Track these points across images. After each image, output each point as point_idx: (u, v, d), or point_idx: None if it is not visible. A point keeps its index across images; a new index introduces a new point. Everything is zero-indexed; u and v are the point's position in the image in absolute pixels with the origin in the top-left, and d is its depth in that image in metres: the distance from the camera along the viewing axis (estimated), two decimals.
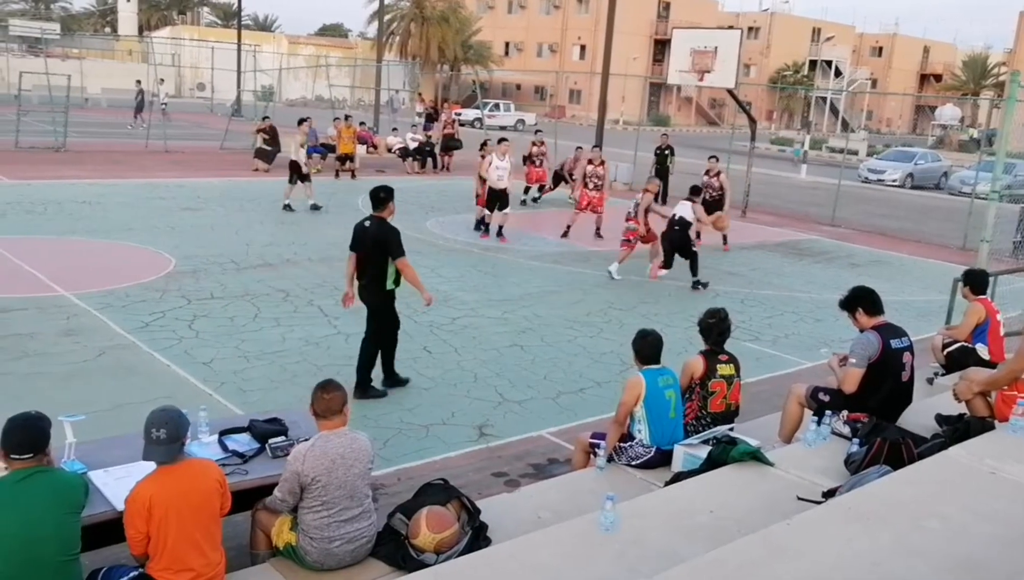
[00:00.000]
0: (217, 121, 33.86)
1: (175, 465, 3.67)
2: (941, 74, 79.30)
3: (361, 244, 7.31)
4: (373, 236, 7.23)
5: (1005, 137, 11.42)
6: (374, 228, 7.25)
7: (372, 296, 7.41)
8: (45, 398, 6.55)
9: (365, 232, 7.30)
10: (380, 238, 7.21)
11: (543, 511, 4.62)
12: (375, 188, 7.37)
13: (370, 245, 7.25)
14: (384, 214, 7.30)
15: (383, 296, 7.41)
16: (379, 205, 7.29)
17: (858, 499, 4.10)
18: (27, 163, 20.23)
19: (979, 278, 7.42)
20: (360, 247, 7.33)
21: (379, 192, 7.31)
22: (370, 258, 7.29)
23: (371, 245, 7.25)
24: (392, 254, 7.24)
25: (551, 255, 14.05)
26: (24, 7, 72.84)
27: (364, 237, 7.30)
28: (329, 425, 4.11)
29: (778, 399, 6.79)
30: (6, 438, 3.43)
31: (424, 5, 58.82)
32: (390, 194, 7.33)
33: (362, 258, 7.33)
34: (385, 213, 7.31)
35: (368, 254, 7.29)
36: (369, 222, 7.30)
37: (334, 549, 4.02)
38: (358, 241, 7.35)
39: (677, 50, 20.26)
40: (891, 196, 27.57)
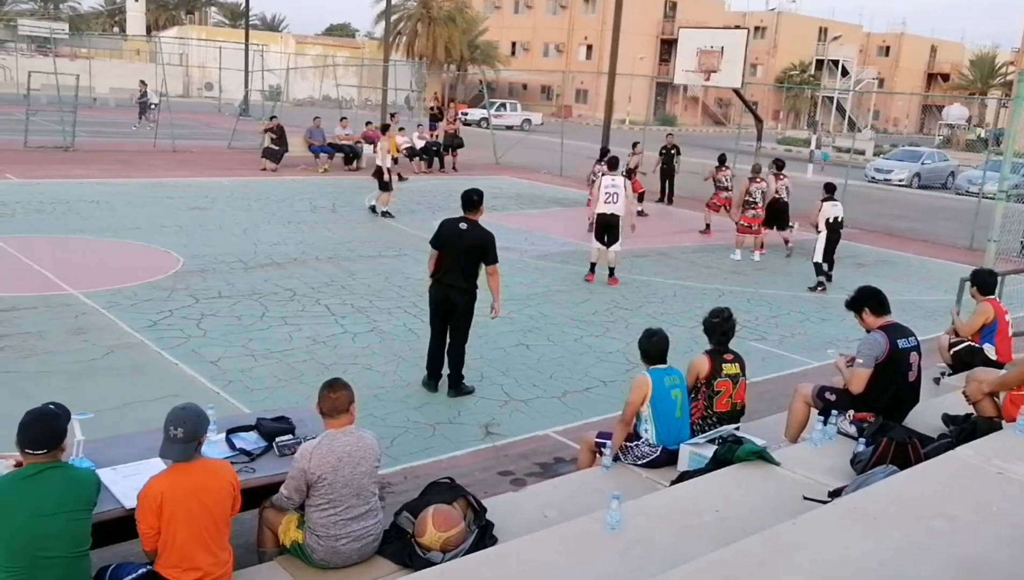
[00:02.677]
0: (225, 121, 33.93)
1: (190, 464, 3.69)
2: (948, 73, 78.99)
3: (452, 244, 7.27)
4: (472, 239, 7.26)
5: (1013, 137, 11.39)
6: (474, 231, 7.29)
7: (462, 295, 7.37)
8: (53, 396, 6.47)
9: (461, 234, 7.27)
10: (479, 242, 7.28)
11: (549, 510, 4.63)
12: (468, 190, 7.40)
13: (466, 248, 7.26)
14: (478, 216, 7.35)
15: (473, 295, 7.44)
16: (473, 207, 7.33)
17: (864, 499, 4.10)
18: (36, 162, 20.30)
19: (987, 278, 7.40)
20: (451, 247, 7.28)
21: (472, 194, 7.34)
22: (461, 259, 7.28)
23: (467, 248, 7.26)
24: (489, 260, 7.33)
25: (557, 254, 14.05)
26: (33, 7, 73.16)
27: (459, 238, 7.27)
28: (336, 424, 4.13)
29: (784, 399, 6.79)
30: (22, 433, 3.44)
31: (431, 5, 58.86)
32: (482, 196, 7.40)
33: (449, 258, 7.29)
34: (478, 215, 7.36)
35: (460, 255, 7.28)
36: (465, 224, 7.29)
37: (341, 547, 4.03)
38: (449, 241, 7.29)
39: (683, 50, 20.27)
40: (898, 196, 27.49)
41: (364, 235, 14.38)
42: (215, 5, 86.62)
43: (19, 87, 32.90)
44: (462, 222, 7.33)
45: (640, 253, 14.37)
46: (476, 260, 7.32)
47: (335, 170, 22.55)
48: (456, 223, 7.35)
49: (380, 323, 9.54)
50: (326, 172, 22.06)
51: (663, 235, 16.90)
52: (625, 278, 12.55)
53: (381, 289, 10.99)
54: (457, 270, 7.29)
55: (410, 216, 16.68)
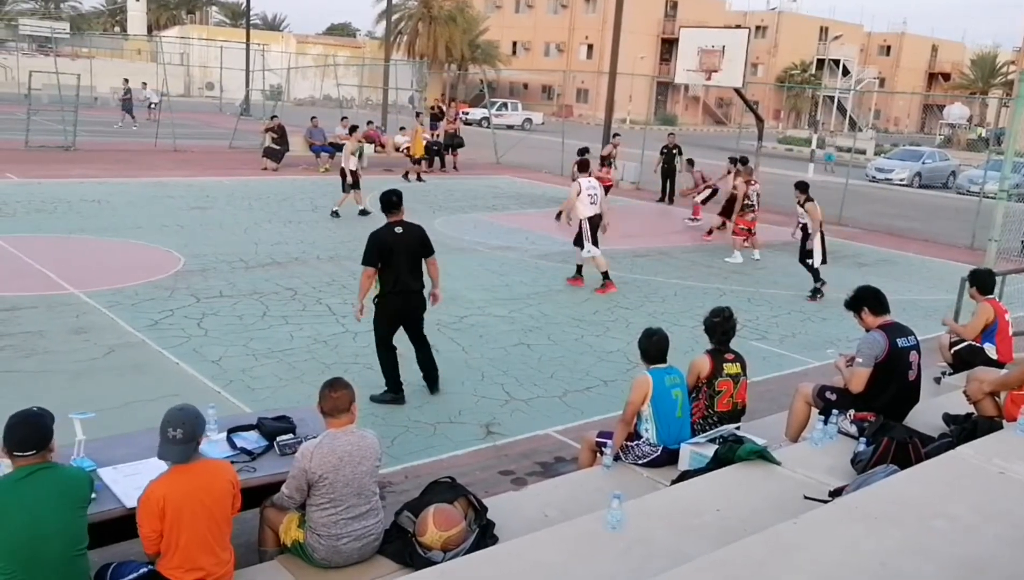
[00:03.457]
0: (226, 120, 33.95)
1: (189, 465, 3.69)
2: (949, 73, 78.94)
3: (397, 251, 7.06)
4: (413, 238, 7.16)
5: (1013, 136, 11.40)
6: (411, 230, 7.19)
7: (420, 297, 7.30)
8: (54, 396, 6.59)
9: (401, 237, 7.10)
10: (420, 238, 7.21)
11: (550, 509, 4.63)
12: (387, 192, 7.26)
13: (411, 249, 7.16)
14: (402, 216, 7.25)
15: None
16: (396, 208, 7.20)
17: (865, 498, 4.10)
18: (37, 162, 20.32)
19: (986, 278, 7.39)
20: (396, 254, 7.06)
21: (392, 196, 7.23)
22: (410, 262, 7.15)
23: (412, 249, 7.16)
24: (429, 252, 7.24)
25: (558, 254, 14.05)
26: (34, 6, 73.22)
27: (402, 242, 7.09)
28: (337, 423, 4.13)
29: (785, 398, 6.79)
30: (8, 436, 3.44)
31: (432, 5, 58.87)
32: (401, 196, 7.32)
33: (397, 265, 7.07)
34: (403, 215, 7.26)
35: (407, 259, 7.14)
36: (400, 228, 7.14)
37: (342, 546, 4.03)
38: (393, 248, 7.05)
39: (684, 49, 20.23)
40: (899, 195, 27.49)
41: (365, 235, 14.26)
42: (216, 5, 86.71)
43: (20, 87, 32.94)
44: (396, 226, 7.12)
45: (641, 252, 14.37)
46: (420, 258, 7.21)
47: (336, 170, 22.53)
48: (390, 230, 7.11)
49: None
50: (327, 171, 22.06)
51: (664, 234, 16.90)
52: (626, 277, 12.55)
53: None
54: (408, 274, 7.13)
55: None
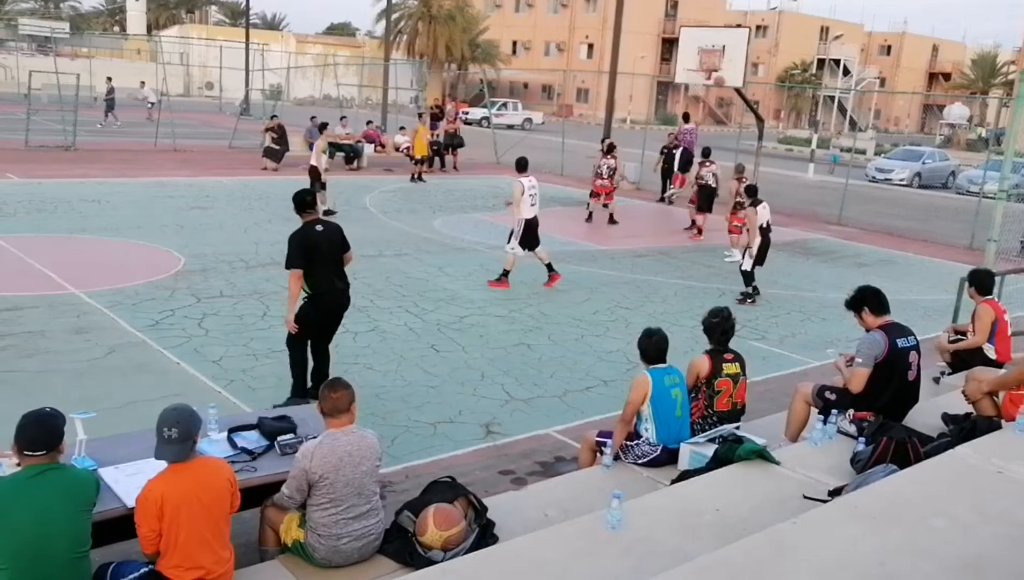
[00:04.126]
0: (226, 120, 33.95)
1: (187, 463, 3.71)
2: (950, 73, 78.96)
3: (320, 251, 6.82)
4: (333, 236, 6.94)
5: (1013, 136, 11.40)
6: (329, 227, 6.96)
7: (346, 295, 7.14)
8: (56, 395, 6.59)
9: (322, 236, 6.85)
10: (339, 235, 6.98)
11: (550, 509, 4.64)
12: (300, 192, 6.97)
13: (333, 247, 6.93)
14: (317, 215, 6.99)
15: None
16: (311, 207, 6.91)
17: (864, 498, 4.11)
18: (37, 162, 20.32)
19: (985, 279, 7.39)
20: (320, 254, 6.82)
21: (305, 195, 6.95)
22: (333, 261, 6.94)
23: (334, 247, 6.93)
24: (347, 249, 7.05)
25: (558, 254, 14.04)
26: (34, 6, 73.20)
27: (324, 241, 6.85)
28: (337, 423, 4.14)
29: (784, 398, 6.80)
30: (20, 435, 3.46)
31: (431, 4, 58.82)
32: (315, 195, 7.13)
33: (322, 265, 6.84)
34: (317, 214, 7.00)
35: (331, 258, 6.92)
36: (320, 226, 6.88)
37: (342, 546, 4.04)
38: (317, 249, 6.79)
39: (685, 49, 20.22)
40: (899, 195, 27.50)
41: (364, 234, 14.39)
42: (216, 4, 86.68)
43: (20, 86, 32.94)
44: (316, 225, 6.88)
45: (641, 252, 14.39)
46: (341, 256, 7.03)
47: (336, 169, 22.52)
48: (311, 229, 6.85)
49: (381, 322, 9.56)
50: (327, 171, 22.03)
51: (664, 234, 16.91)
52: (626, 277, 12.57)
53: (382, 288, 11.00)
54: (333, 274, 6.96)
55: (411, 216, 16.70)
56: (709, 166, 16.65)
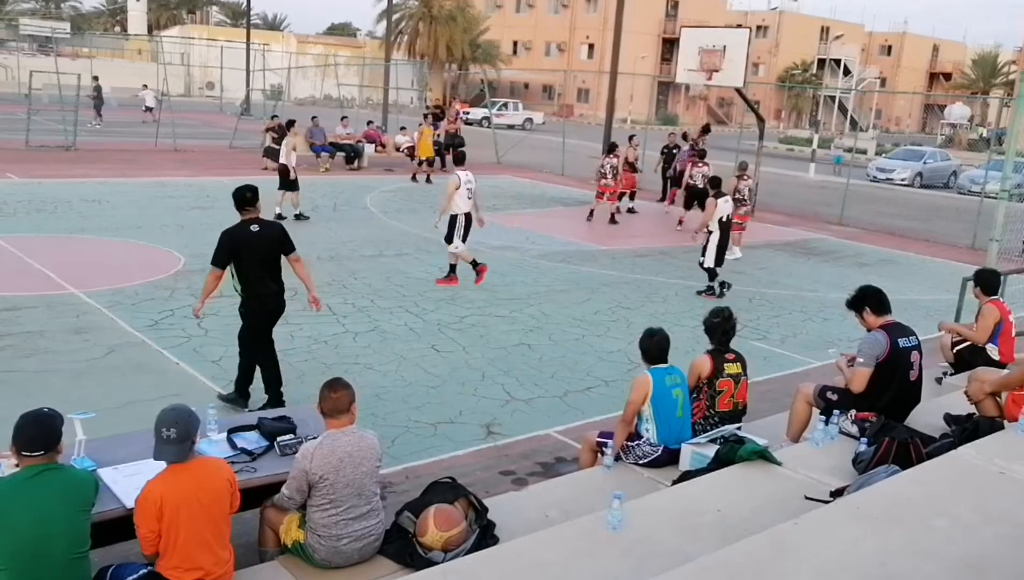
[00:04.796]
0: (226, 120, 33.95)
1: (186, 464, 3.69)
2: (951, 73, 78.96)
3: (252, 250, 6.60)
4: (270, 236, 6.72)
5: (1014, 136, 11.37)
6: (267, 227, 6.75)
7: (280, 298, 6.91)
8: (55, 396, 6.58)
9: (257, 236, 6.62)
10: (277, 236, 6.78)
11: (550, 509, 4.63)
12: (241, 188, 6.74)
13: (268, 248, 6.69)
14: (258, 213, 6.75)
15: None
16: (251, 204, 6.70)
17: (866, 499, 4.09)
18: (37, 162, 20.33)
19: (991, 279, 7.35)
20: (251, 254, 6.60)
21: (246, 192, 6.72)
22: (267, 262, 6.70)
23: (268, 248, 6.70)
24: (289, 249, 6.82)
25: (558, 254, 14.05)
26: (35, 6, 73.24)
27: (258, 241, 6.62)
28: (337, 423, 4.12)
29: (786, 398, 6.78)
30: (18, 435, 3.45)
31: (432, 4, 58.88)
32: (257, 192, 6.82)
33: (253, 266, 6.62)
34: (258, 212, 6.76)
35: (264, 258, 6.68)
36: (256, 225, 6.64)
37: (342, 547, 4.03)
38: (247, 248, 6.58)
39: (685, 49, 20.22)
40: (900, 195, 27.48)
41: (365, 234, 14.38)
42: (216, 4, 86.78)
43: (21, 87, 32.94)
44: (251, 224, 6.63)
45: (642, 252, 14.36)
46: (279, 257, 6.79)
47: (336, 169, 22.56)
48: (245, 227, 6.61)
49: (381, 322, 9.55)
50: (327, 171, 22.07)
51: (665, 234, 16.89)
52: (627, 277, 12.55)
53: (382, 288, 10.98)
54: (266, 275, 6.70)
55: (411, 215, 16.68)
56: (701, 167, 16.77)
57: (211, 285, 6.58)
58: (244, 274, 6.63)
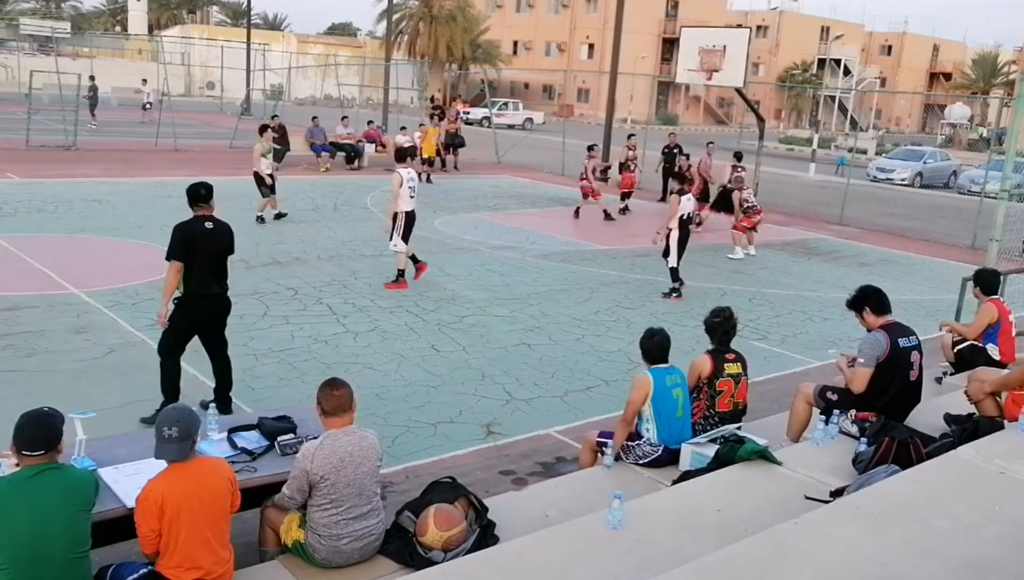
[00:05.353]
0: (226, 120, 33.95)
1: (187, 463, 3.70)
2: (951, 73, 78.96)
3: (203, 248, 6.40)
4: (223, 236, 6.55)
5: (1015, 136, 11.35)
6: (221, 226, 6.55)
7: (223, 301, 6.68)
8: (55, 395, 6.58)
9: (210, 233, 6.44)
10: (229, 237, 6.62)
11: (550, 509, 4.63)
12: (195, 185, 6.58)
13: (218, 248, 6.53)
14: (212, 210, 6.59)
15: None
16: (205, 201, 6.54)
17: (866, 498, 4.09)
18: (37, 161, 20.33)
19: (990, 279, 7.37)
20: (202, 251, 6.39)
21: (200, 188, 6.55)
22: (214, 262, 6.51)
23: (219, 248, 6.54)
24: (231, 252, 6.65)
25: (559, 254, 14.05)
26: (35, 6, 73.23)
27: (211, 239, 6.44)
28: (338, 422, 4.12)
29: (786, 398, 6.78)
30: (18, 434, 3.45)
31: (432, 4, 58.90)
32: (211, 189, 6.65)
33: (201, 264, 6.40)
34: (213, 209, 6.60)
35: (212, 258, 6.49)
36: (211, 223, 6.48)
37: (342, 547, 4.03)
38: (200, 244, 6.38)
39: (685, 49, 20.22)
40: (900, 195, 27.48)
41: (366, 234, 14.38)
42: (217, 4, 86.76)
43: (21, 86, 32.93)
44: (206, 222, 6.45)
45: (642, 252, 14.35)
46: (226, 259, 6.62)
47: (337, 169, 22.57)
48: (199, 224, 6.43)
49: (382, 322, 9.55)
50: (327, 171, 22.08)
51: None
52: (627, 278, 12.55)
53: (382, 288, 10.98)
54: (211, 275, 6.47)
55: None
56: (740, 172, 16.60)
57: (173, 281, 6.32)
58: (191, 273, 6.35)
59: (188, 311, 6.48)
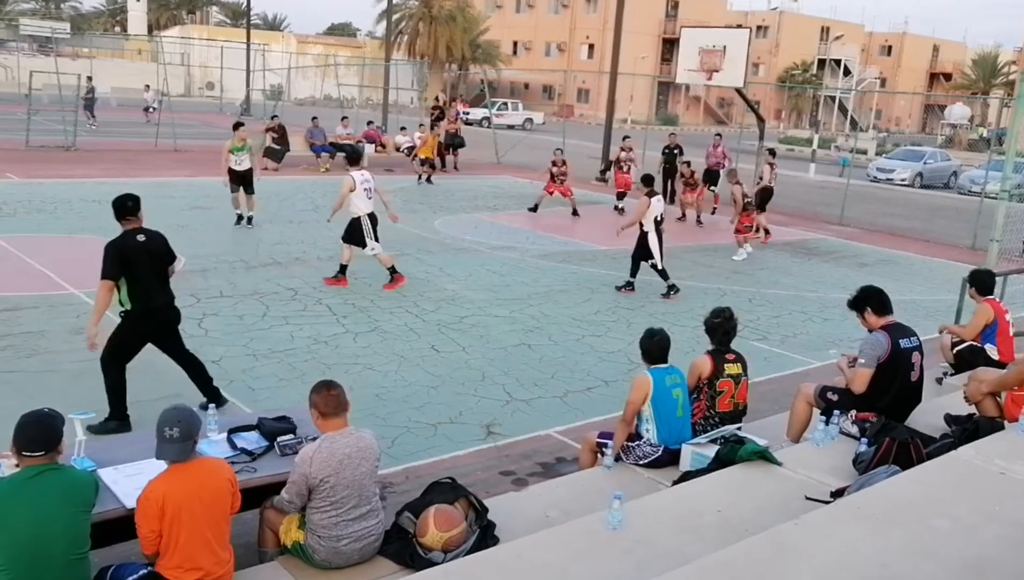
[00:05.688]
0: (226, 120, 33.89)
1: (188, 463, 3.70)
2: (951, 73, 78.97)
3: (142, 261, 6.26)
4: (157, 246, 6.40)
5: (1015, 136, 11.37)
6: (153, 237, 6.39)
7: (173, 309, 6.62)
8: (55, 396, 6.57)
9: (144, 246, 6.27)
10: (163, 244, 6.47)
11: (551, 510, 4.63)
12: (121, 197, 6.34)
13: (156, 257, 6.39)
14: (142, 222, 6.38)
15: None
16: (134, 213, 6.31)
17: (866, 499, 4.09)
18: (37, 162, 20.32)
19: (985, 279, 7.40)
20: (141, 265, 6.26)
21: (127, 200, 6.32)
22: (157, 272, 6.40)
23: (157, 257, 6.39)
24: (171, 259, 6.52)
25: (559, 254, 14.05)
26: (35, 6, 73.25)
27: (146, 252, 6.29)
28: (335, 424, 4.11)
29: (786, 399, 6.78)
30: (18, 435, 3.45)
31: (432, 4, 58.92)
32: (138, 201, 6.40)
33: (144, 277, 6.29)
34: (142, 221, 6.38)
35: (154, 269, 6.37)
36: (143, 236, 6.30)
37: (342, 547, 4.03)
38: (137, 259, 6.23)
39: (685, 49, 20.23)
40: (900, 195, 27.48)
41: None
42: (216, 4, 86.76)
43: (21, 87, 32.93)
44: (138, 234, 6.27)
45: None
46: (166, 266, 6.49)
47: (336, 169, 22.51)
48: (131, 238, 6.24)
49: (382, 323, 9.54)
50: (327, 171, 22.06)
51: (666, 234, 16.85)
52: (627, 277, 12.51)
53: (382, 289, 10.98)
54: (157, 286, 6.40)
55: (411, 216, 16.67)
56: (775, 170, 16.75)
57: (105, 299, 6.18)
58: (135, 287, 6.26)
59: (138, 326, 6.41)
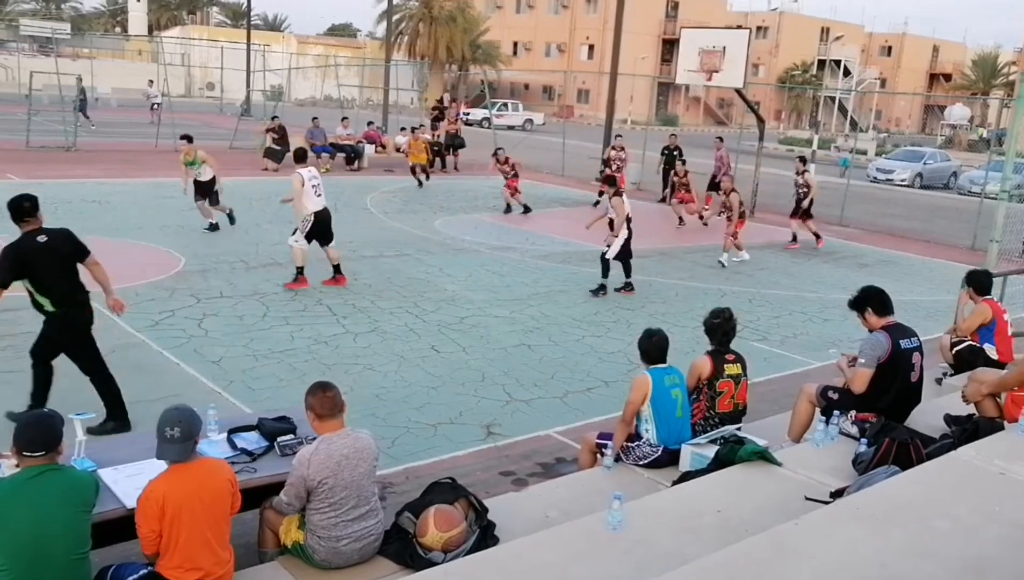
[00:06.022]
0: (226, 121, 33.94)
1: (188, 463, 3.70)
2: (951, 73, 78.95)
3: (43, 263, 6.06)
4: (60, 245, 6.18)
5: (1015, 136, 11.36)
6: (55, 236, 6.16)
7: (86, 308, 6.39)
8: (55, 396, 6.57)
9: (44, 247, 6.04)
10: (66, 243, 6.25)
11: (550, 510, 4.63)
12: (17, 198, 6.11)
13: (61, 258, 6.18)
14: (41, 223, 6.16)
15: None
16: (32, 214, 6.08)
17: (866, 499, 4.09)
18: (37, 162, 20.33)
19: (982, 279, 7.41)
20: (42, 267, 6.07)
21: (23, 201, 6.08)
22: (64, 272, 6.21)
23: (61, 257, 6.19)
24: (84, 255, 6.31)
25: (559, 255, 14.05)
26: (35, 7, 73.27)
27: (48, 253, 6.06)
28: (332, 425, 4.11)
29: (786, 399, 6.78)
30: (18, 436, 3.46)
31: (432, 5, 58.89)
32: (36, 201, 6.18)
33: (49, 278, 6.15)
34: (41, 221, 6.17)
35: (60, 270, 6.19)
36: (43, 236, 6.06)
37: (342, 548, 4.03)
38: (37, 261, 6.03)
39: (685, 50, 20.23)
40: (900, 196, 27.46)
41: (365, 235, 14.39)
42: (217, 5, 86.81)
43: (21, 87, 32.93)
44: (37, 235, 6.04)
45: (642, 253, 14.32)
46: (74, 265, 6.29)
47: (336, 170, 22.55)
48: (31, 240, 6.01)
49: (381, 323, 9.55)
50: (327, 172, 22.02)
51: (665, 235, 16.89)
52: (624, 279, 12.52)
53: (382, 289, 10.99)
54: (66, 286, 6.22)
55: (411, 216, 16.69)
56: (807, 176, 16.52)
57: None
58: (49, 289, 6.14)
59: (74, 321, 6.36)
